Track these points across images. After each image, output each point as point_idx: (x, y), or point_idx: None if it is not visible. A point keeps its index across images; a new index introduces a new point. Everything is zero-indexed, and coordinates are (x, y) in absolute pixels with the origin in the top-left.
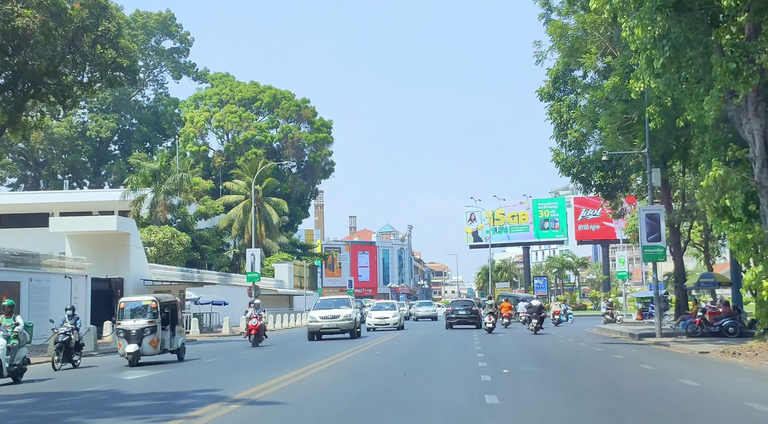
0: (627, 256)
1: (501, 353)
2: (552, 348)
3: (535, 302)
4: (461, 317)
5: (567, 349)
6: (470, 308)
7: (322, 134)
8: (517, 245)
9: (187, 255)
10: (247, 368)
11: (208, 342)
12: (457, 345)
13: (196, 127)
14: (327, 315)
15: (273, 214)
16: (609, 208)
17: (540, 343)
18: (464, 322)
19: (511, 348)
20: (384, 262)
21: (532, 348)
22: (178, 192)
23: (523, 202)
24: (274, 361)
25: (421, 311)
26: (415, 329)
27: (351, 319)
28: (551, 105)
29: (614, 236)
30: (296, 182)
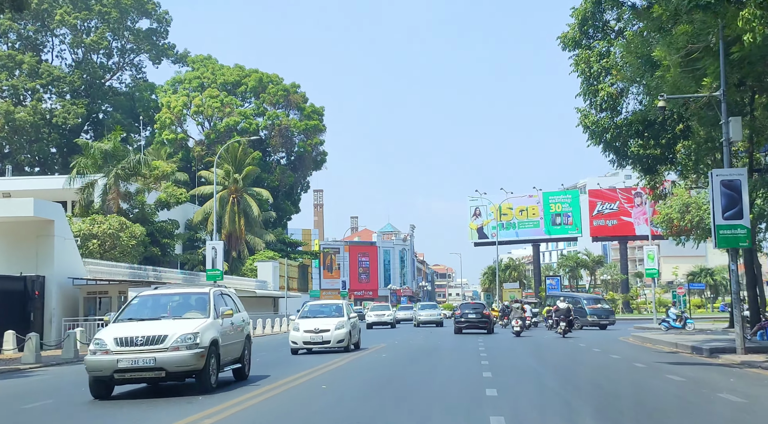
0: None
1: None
2: (600, 373)
3: (563, 304)
4: (471, 321)
5: (622, 374)
6: (481, 311)
7: (312, 122)
8: (527, 242)
9: (143, 250)
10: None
11: None
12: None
13: (173, 113)
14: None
15: (253, 206)
16: (648, 188)
17: (579, 361)
18: (474, 326)
19: (540, 375)
20: (385, 263)
21: (571, 373)
22: (135, 177)
23: (533, 195)
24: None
25: (424, 316)
26: (402, 343)
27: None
28: (577, 54)
29: (633, 232)
30: (285, 174)
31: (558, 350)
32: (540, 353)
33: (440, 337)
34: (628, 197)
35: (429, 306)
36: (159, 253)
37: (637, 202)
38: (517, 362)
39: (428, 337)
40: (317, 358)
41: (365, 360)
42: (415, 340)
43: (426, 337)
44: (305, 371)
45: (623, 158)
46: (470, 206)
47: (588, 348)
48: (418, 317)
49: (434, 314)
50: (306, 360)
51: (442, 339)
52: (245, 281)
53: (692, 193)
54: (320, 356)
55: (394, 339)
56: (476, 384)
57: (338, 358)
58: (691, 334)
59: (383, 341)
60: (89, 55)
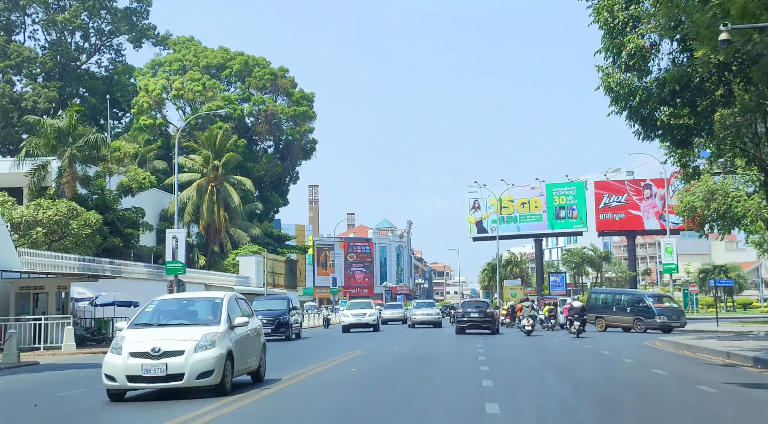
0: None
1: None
2: (660, 403)
3: (577, 303)
4: (474, 320)
5: (690, 402)
6: (484, 309)
7: (301, 108)
8: (528, 237)
9: (101, 241)
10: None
11: (73, 367)
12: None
13: (150, 97)
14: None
15: (234, 196)
16: (678, 165)
17: (617, 380)
18: (477, 326)
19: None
20: (381, 260)
21: (617, 405)
22: (95, 159)
23: (535, 187)
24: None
25: (419, 315)
26: (381, 350)
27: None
28: (598, 1)
29: (641, 226)
30: (271, 164)
31: (582, 362)
32: (558, 364)
33: (434, 340)
34: (637, 189)
35: (425, 304)
36: (120, 244)
37: (647, 195)
38: (533, 386)
39: (419, 341)
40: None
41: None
42: (401, 344)
43: (416, 341)
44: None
45: (651, 129)
46: (469, 199)
47: (616, 358)
48: (413, 316)
49: (431, 313)
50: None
51: (436, 343)
52: (222, 277)
53: (716, 180)
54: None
55: (376, 343)
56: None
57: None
58: (734, 339)
59: (361, 347)
60: (63, 36)
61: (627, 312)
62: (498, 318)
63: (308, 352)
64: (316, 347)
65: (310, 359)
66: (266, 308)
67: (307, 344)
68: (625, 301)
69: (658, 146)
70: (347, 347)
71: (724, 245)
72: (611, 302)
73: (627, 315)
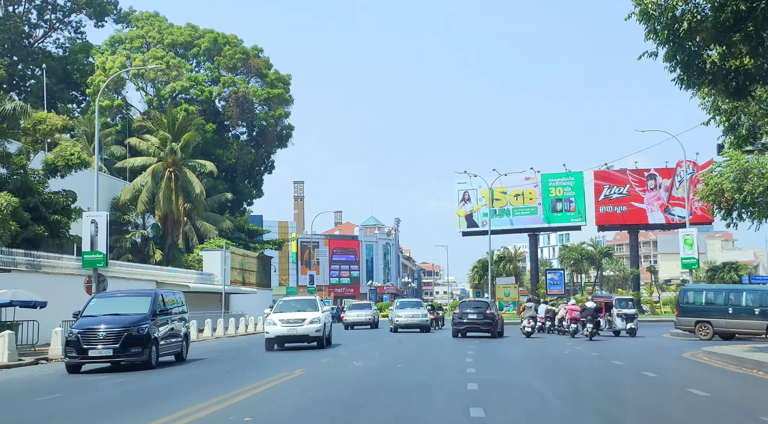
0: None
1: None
2: None
3: (591, 304)
4: (473, 322)
5: None
6: (483, 310)
7: (276, 90)
8: (522, 231)
9: (19, 229)
10: None
11: None
12: None
13: (107, 76)
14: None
15: (195, 182)
16: (725, 125)
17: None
18: (476, 328)
19: None
20: (368, 258)
21: None
22: (14, 134)
23: (530, 177)
24: None
25: (403, 317)
26: (328, 374)
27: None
28: None
29: (645, 220)
30: (243, 150)
31: (611, 381)
32: (576, 381)
33: (412, 349)
34: (640, 180)
35: (410, 304)
36: (46, 233)
37: (650, 186)
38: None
39: (391, 351)
40: None
41: None
42: (365, 358)
43: (387, 351)
44: None
45: (697, 72)
46: (458, 190)
47: (661, 380)
48: (396, 318)
49: (417, 314)
50: None
51: (414, 354)
52: (179, 274)
53: (749, 159)
54: None
55: (326, 359)
56: None
57: None
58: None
59: (304, 365)
60: (14, 9)
61: (755, 315)
62: (500, 320)
63: (188, 386)
64: (212, 375)
65: (184, 398)
66: (110, 312)
67: (193, 372)
68: (749, 299)
69: (699, 104)
70: (274, 369)
71: (720, 244)
72: (724, 302)
73: (755, 319)
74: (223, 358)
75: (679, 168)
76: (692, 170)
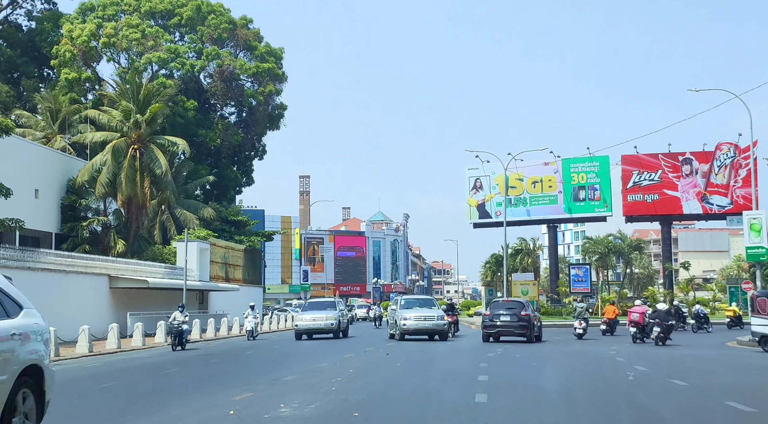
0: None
1: None
2: None
3: (662, 306)
4: (506, 324)
5: None
6: (518, 312)
7: (266, 64)
8: (541, 222)
9: None
10: None
11: None
12: None
13: (75, 46)
14: None
15: (161, 160)
16: None
17: None
18: (510, 332)
19: None
20: (374, 255)
21: None
22: None
23: (550, 162)
24: None
25: (412, 320)
26: None
27: None
28: None
29: (679, 210)
30: (228, 132)
31: None
32: None
33: (402, 371)
34: (674, 165)
35: (420, 302)
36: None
37: (686, 172)
38: None
39: (357, 380)
40: None
41: None
42: (311, 396)
43: (351, 380)
44: None
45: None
46: (468, 177)
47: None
48: (403, 321)
49: (431, 315)
50: None
51: (397, 380)
52: (143, 267)
53: None
54: None
55: (250, 394)
56: None
57: None
58: None
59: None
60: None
61: None
62: (537, 322)
63: None
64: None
65: None
66: None
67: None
68: None
69: None
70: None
71: (743, 241)
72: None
73: None
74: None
75: (719, 151)
76: (734, 154)
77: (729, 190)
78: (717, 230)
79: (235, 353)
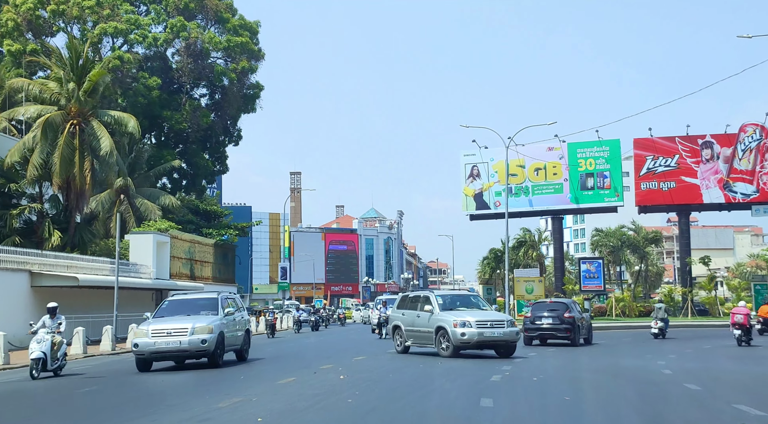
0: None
1: None
2: None
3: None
4: (549, 328)
5: None
6: (561, 314)
7: (239, 38)
8: (545, 214)
9: None
10: None
11: None
12: None
13: (19, 14)
14: None
15: (105, 138)
16: None
17: None
18: (552, 335)
19: None
20: (367, 253)
21: None
22: None
23: (554, 147)
24: None
25: (472, 328)
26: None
27: None
28: None
29: (698, 199)
30: (197, 113)
31: None
32: None
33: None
34: (693, 149)
35: (464, 300)
36: None
37: (706, 156)
38: None
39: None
40: None
41: None
42: None
43: None
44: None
45: None
46: (465, 164)
47: None
48: (460, 330)
49: (499, 320)
50: None
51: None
52: (79, 263)
53: None
54: None
55: None
56: None
57: None
58: None
59: None
60: None
61: None
62: (584, 324)
63: None
64: None
65: None
66: None
67: None
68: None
69: None
70: None
71: (749, 239)
72: None
73: None
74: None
75: (743, 134)
76: (760, 136)
77: (755, 176)
78: (722, 227)
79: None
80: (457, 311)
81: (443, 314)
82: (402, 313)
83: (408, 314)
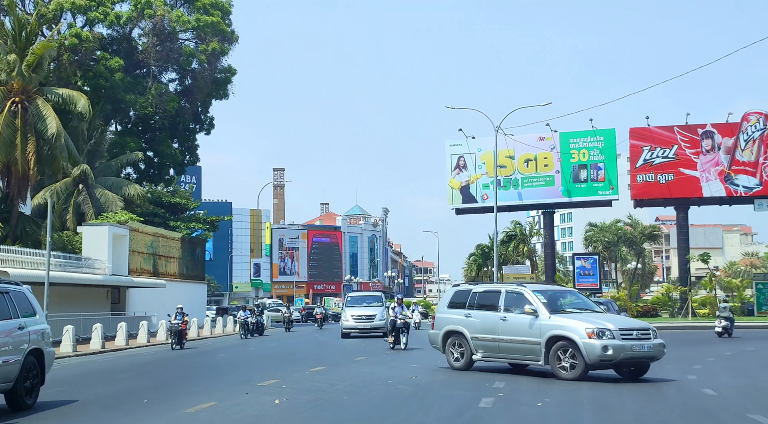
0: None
1: None
2: None
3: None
4: None
5: None
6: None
7: (210, 17)
8: (535, 207)
9: None
10: None
11: None
12: None
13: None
14: None
15: (52, 118)
16: None
17: None
18: None
19: None
20: (351, 251)
21: None
22: None
23: (545, 137)
24: None
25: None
26: None
27: None
28: None
29: (698, 192)
30: (163, 98)
31: None
32: None
33: None
34: (692, 139)
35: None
36: None
37: (706, 147)
38: None
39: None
40: None
41: None
42: None
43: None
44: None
45: None
46: (450, 155)
47: None
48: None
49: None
50: None
51: None
52: (18, 256)
53: None
54: None
55: None
56: None
57: None
58: None
59: None
60: None
61: None
62: None
63: None
64: None
65: None
66: None
67: None
68: None
69: None
70: None
71: (738, 238)
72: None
73: None
74: None
75: (746, 123)
76: (763, 125)
77: (758, 168)
78: (711, 226)
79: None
80: (568, 313)
81: (558, 319)
82: (466, 314)
83: (479, 316)
